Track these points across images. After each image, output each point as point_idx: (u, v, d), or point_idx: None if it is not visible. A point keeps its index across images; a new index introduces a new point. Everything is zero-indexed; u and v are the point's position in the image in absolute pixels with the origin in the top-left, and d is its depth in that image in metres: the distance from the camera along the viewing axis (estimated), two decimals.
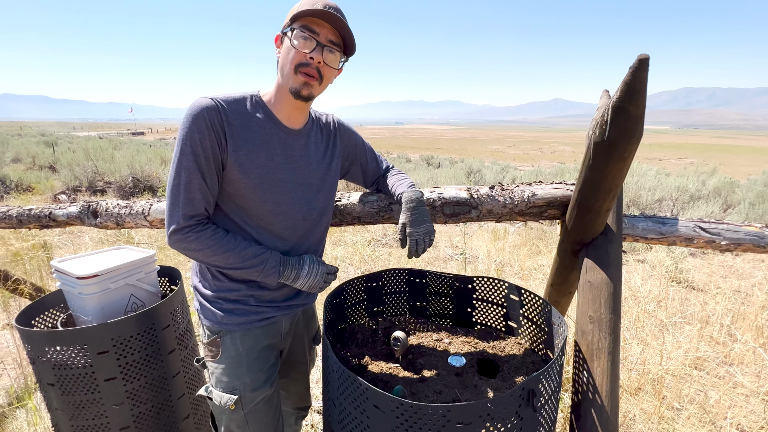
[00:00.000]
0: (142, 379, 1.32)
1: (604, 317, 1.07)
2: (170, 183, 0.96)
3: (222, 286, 1.08)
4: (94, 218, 1.74)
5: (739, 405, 2.01)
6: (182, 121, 0.95)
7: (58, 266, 1.36)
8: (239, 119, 0.98)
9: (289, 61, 0.96)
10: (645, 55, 0.76)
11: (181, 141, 0.94)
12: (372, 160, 1.29)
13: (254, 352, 1.11)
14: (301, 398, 1.42)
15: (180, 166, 0.94)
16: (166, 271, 1.68)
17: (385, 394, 0.80)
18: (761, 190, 6.88)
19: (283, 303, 1.14)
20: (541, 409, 0.89)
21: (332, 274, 1.13)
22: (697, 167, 11.88)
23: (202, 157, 0.94)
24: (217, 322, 1.08)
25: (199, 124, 0.93)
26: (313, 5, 0.93)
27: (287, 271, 1.05)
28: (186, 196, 0.95)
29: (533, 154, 29.47)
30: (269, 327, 1.14)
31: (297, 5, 0.96)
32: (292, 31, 0.95)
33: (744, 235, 1.22)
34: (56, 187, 8.05)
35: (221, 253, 0.98)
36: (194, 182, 0.95)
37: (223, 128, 0.95)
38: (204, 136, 0.93)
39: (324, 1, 0.94)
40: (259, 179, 1.01)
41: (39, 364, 1.26)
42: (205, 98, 0.95)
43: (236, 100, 1.00)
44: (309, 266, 1.08)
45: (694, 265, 4.17)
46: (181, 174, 0.94)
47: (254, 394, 1.10)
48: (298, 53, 0.95)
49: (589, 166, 1.01)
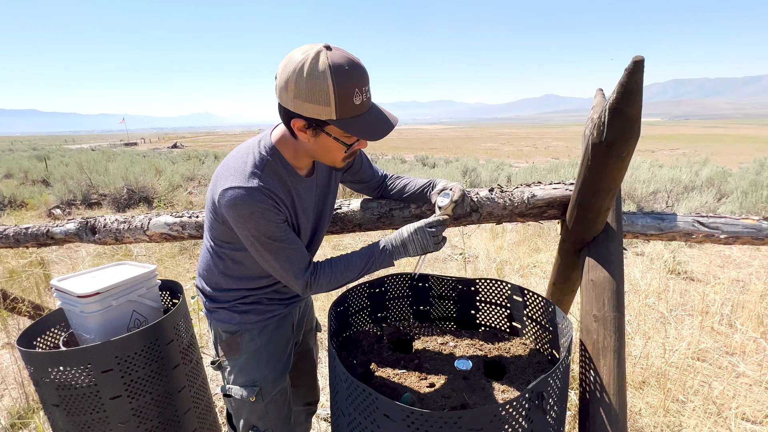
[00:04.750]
0: (147, 395, 1.31)
1: (609, 315, 1.08)
2: (271, 267, 0.99)
3: (238, 295, 1.13)
4: (92, 235, 1.73)
5: (743, 395, 2.03)
6: (241, 220, 0.91)
7: (58, 285, 1.35)
8: (280, 190, 0.96)
9: (337, 155, 0.95)
10: (640, 57, 0.76)
11: (255, 237, 0.93)
12: (368, 168, 1.30)
13: (272, 345, 1.18)
14: (311, 391, 1.48)
15: (274, 255, 0.96)
16: (167, 285, 1.67)
17: (396, 403, 0.80)
18: (753, 178, 6.95)
19: (288, 300, 1.20)
20: (551, 411, 0.90)
21: (434, 227, 1.05)
22: (690, 158, 12.00)
23: (283, 235, 0.95)
24: (235, 323, 1.13)
25: (267, 215, 0.91)
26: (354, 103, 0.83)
27: (396, 253, 1.06)
28: (291, 268, 0.99)
29: (527, 150, 29.60)
30: (284, 320, 1.21)
31: (325, 93, 0.80)
32: (341, 143, 0.90)
33: (742, 228, 1.24)
34: (50, 202, 7.98)
35: (340, 279, 1.04)
36: (291, 254, 0.98)
37: (279, 209, 0.95)
38: (276, 221, 0.93)
39: (359, 89, 0.83)
40: (298, 228, 1.06)
41: (42, 386, 1.25)
42: (250, 190, 0.89)
43: (268, 172, 0.94)
44: (408, 236, 1.05)
45: (691, 255, 4.21)
46: (279, 258, 0.97)
47: (273, 385, 1.18)
48: (348, 153, 0.95)
49: (588, 167, 1.01)
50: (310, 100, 0.81)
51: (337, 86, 0.79)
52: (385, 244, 1.06)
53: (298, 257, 0.99)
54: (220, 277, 1.11)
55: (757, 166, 9.24)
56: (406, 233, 1.05)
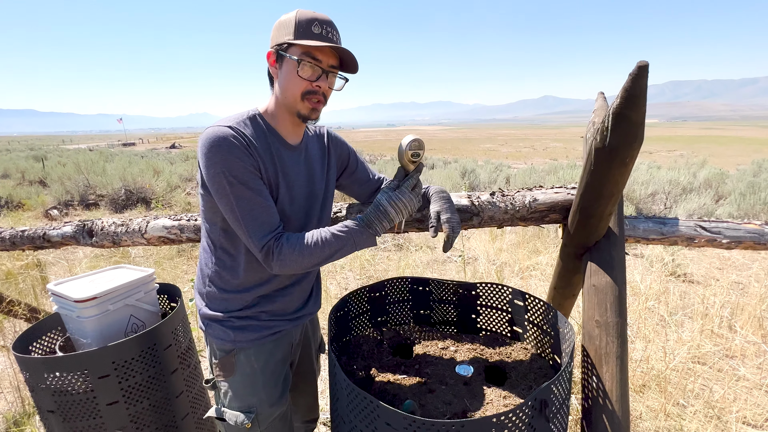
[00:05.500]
0: (145, 401, 1.29)
1: (611, 321, 1.07)
2: (234, 218, 0.94)
3: (232, 306, 1.07)
4: (89, 238, 1.71)
5: (743, 398, 2.03)
6: (208, 155, 0.91)
7: (54, 290, 1.33)
8: (258, 142, 0.97)
9: (296, 88, 0.96)
10: (644, 62, 0.76)
11: (221, 175, 0.90)
12: (363, 170, 1.29)
13: (269, 368, 1.11)
14: (310, 410, 1.42)
15: (237, 200, 0.92)
16: (165, 288, 1.66)
17: (398, 411, 0.79)
18: (751, 180, 6.97)
19: (292, 315, 1.14)
20: (553, 418, 0.89)
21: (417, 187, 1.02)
22: (687, 159, 12.03)
23: (251, 180, 0.93)
24: (230, 341, 1.07)
25: (234, 152, 0.90)
26: (312, 32, 0.93)
27: (376, 226, 0.98)
28: (253, 224, 0.94)
29: (525, 151, 29.65)
30: (281, 340, 1.14)
31: (290, 24, 0.94)
32: (298, 62, 0.94)
33: (744, 233, 1.23)
34: (47, 203, 7.94)
35: (310, 254, 0.95)
36: (255, 208, 0.93)
37: (251, 153, 0.94)
38: (244, 161, 0.92)
39: (320, 23, 0.94)
40: (276, 197, 1.02)
41: (38, 391, 1.23)
42: (222, 127, 0.92)
43: (247, 123, 0.98)
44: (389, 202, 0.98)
45: (691, 258, 4.21)
46: (241, 205, 0.92)
47: (271, 410, 1.10)
48: (304, 82, 0.96)
49: (591, 172, 1.01)
50: (278, 30, 0.97)
51: (299, 17, 0.94)
52: (363, 215, 1.00)
53: (264, 215, 0.94)
54: (214, 274, 1.07)
55: (754, 168, 9.27)
56: (381, 197, 0.99)
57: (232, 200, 0.92)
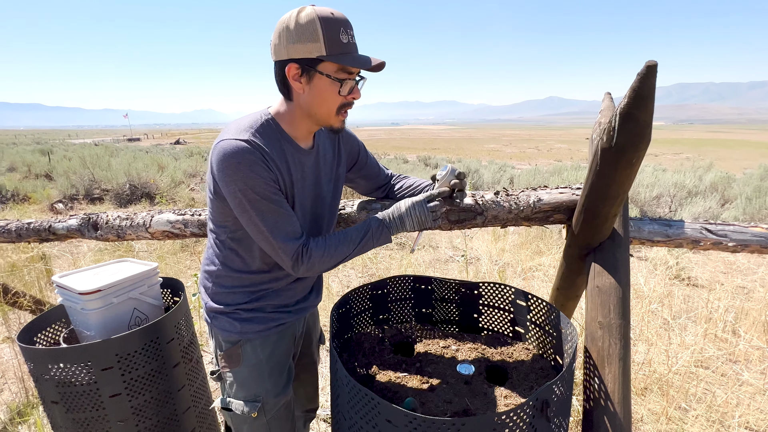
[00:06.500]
0: (147, 394, 1.30)
1: (614, 323, 1.07)
2: (257, 232, 0.95)
3: (238, 299, 1.09)
4: (94, 231, 1.73)
5: (746, 403, 2.01)
6: (228, 171, 0.89)
7: (59, 281, 1.34)
8: (273, 151, 0.96)
9: (333, 105, 0.95)
10: (653, 61, 0.75)
11: (242, 192, 0.90)
12: (373, 165, 1.29)
13: (274, 358, 1.13)
14: (311, 400, 1.45)
15: (260, 214, 0.93)
16: (169, 282, 1.66)
17: (398, 408, 0.79)
18: (758, 184, 6.91)
19: (294, 307, 1.16)
20: (554, 419, 0.89)
21: (433, 201, 1.06)
22: (694, 162, 11.94)
23: (272, 194, 0.93)
24: (236, 332, 1.08)
25: (255, 168, 0.89)
26: (341, 41, 0.88)
27: (393, 228, 1.04)
28: (280, 236, 0.95)
29: (530, 152, 29.54)
30: (285, 331, 1.16)
31: (314, 33, 0.87)
32: (340, 82, 0.91)
33: (751, 236, 1.22)
34: (53, 196, 8.00)
35: (335, 254, 1.00)
36: (280, 220, 0.95)
37: (269, 167, 0.93)
38: (264, 176, 0.91)
39: (344, 27, 0.89)
40: (293, 204, 1.03)
41: (42, 382, 1.24)
42: (239, 141, 0.90)
43: (261, 132, 0.95)
44: (406, 210, 1.04)
45: (695, 261, 4.18)
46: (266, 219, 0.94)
47: (276, 400, 1.13)
48: (341, 98, 0.94)
49: (597, 172, 1.00)
50: (301, 40, 0.87)
51: (323, 25, 0.86)
52: (383, 218, 1.03)
53: (288, 226, 0.95)
54: (221, 271, 1.08)
55: (761, 172, 9.18)
56: (404, 207, 1.03)
57: (254, 216, 0.93)
